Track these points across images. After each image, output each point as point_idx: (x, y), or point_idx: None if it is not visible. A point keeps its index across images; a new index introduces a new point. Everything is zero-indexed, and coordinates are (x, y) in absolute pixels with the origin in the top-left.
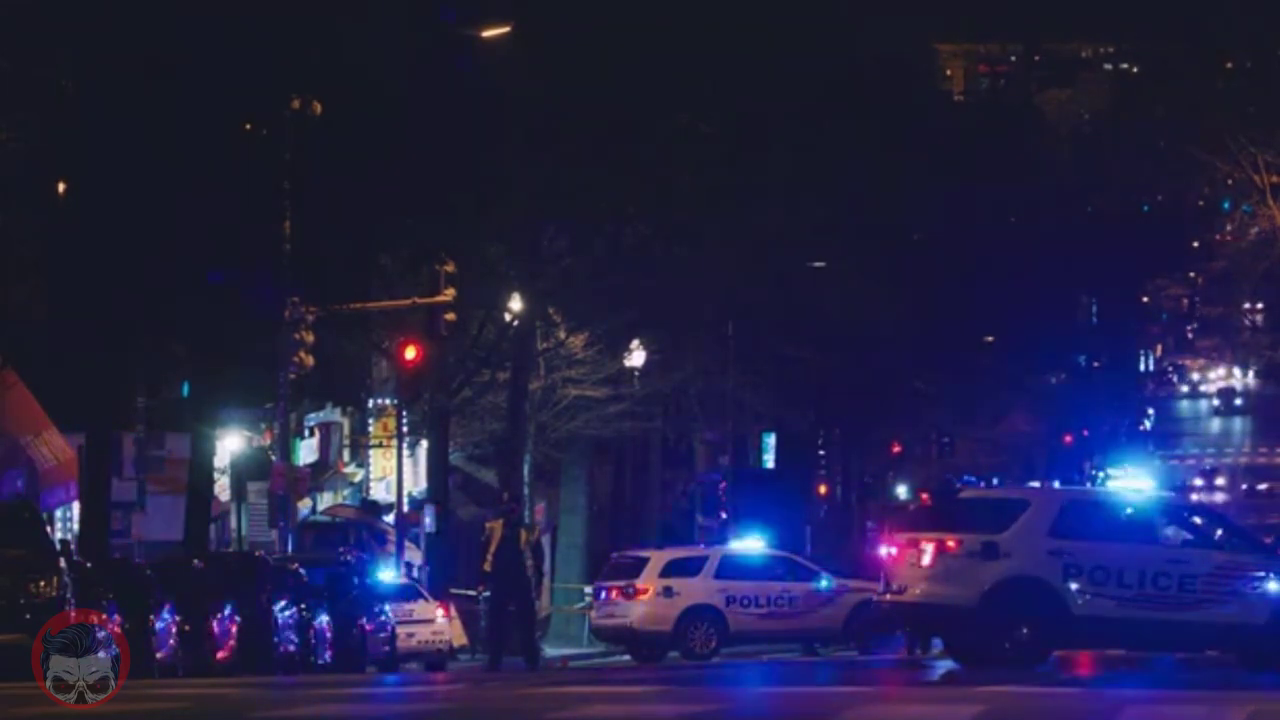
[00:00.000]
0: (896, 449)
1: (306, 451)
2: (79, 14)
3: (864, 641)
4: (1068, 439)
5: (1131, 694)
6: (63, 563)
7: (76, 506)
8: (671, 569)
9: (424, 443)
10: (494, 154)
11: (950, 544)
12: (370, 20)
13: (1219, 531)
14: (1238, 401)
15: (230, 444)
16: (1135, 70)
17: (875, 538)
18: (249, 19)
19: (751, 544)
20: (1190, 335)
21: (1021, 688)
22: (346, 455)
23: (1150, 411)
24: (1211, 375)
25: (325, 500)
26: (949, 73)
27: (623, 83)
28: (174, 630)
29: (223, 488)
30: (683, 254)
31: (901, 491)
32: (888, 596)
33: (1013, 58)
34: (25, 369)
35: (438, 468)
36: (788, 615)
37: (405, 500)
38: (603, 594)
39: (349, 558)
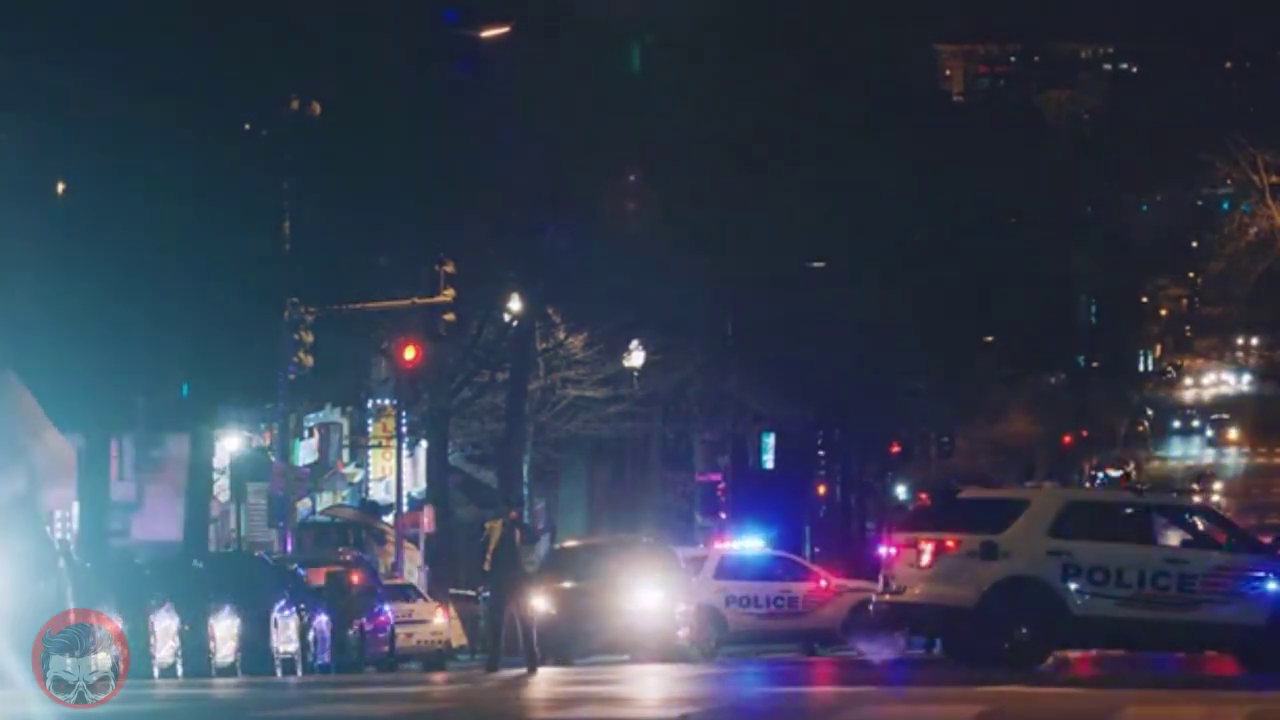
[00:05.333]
0: (896, 449)
1: (306, 451)
2: (79, 13)
3: (863, 641)
4: (1067, 439)
5: (1131, 694)
6: (62, 563)
7: (76, 506)
8: None
9: (423, 443)
10: (494, 154)
11: (950, 544)
12: (370, 20)
13: (1218, 531)
14: (1232, 433)
15: (230, 444)
16: (1135, 70)
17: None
18: (249, 19)
19: (751, 544)
20: (1189, 335)
21: (1021, 688)
22: (346, 455)
23: (1150, 412)
24: (1205, 381)
25: (325, 500)
26: (949, 73)
27: (622, 81)
28: (174, 630)
29: (222, 488)
30: (682, 254)
31: (901, 491)
32: (888, 596)
33: (1012, 58)
34: (25, 369)
35: (437, 468)
36: (787, 615)
37: (405, 500)
38: None
39: (349, 558)
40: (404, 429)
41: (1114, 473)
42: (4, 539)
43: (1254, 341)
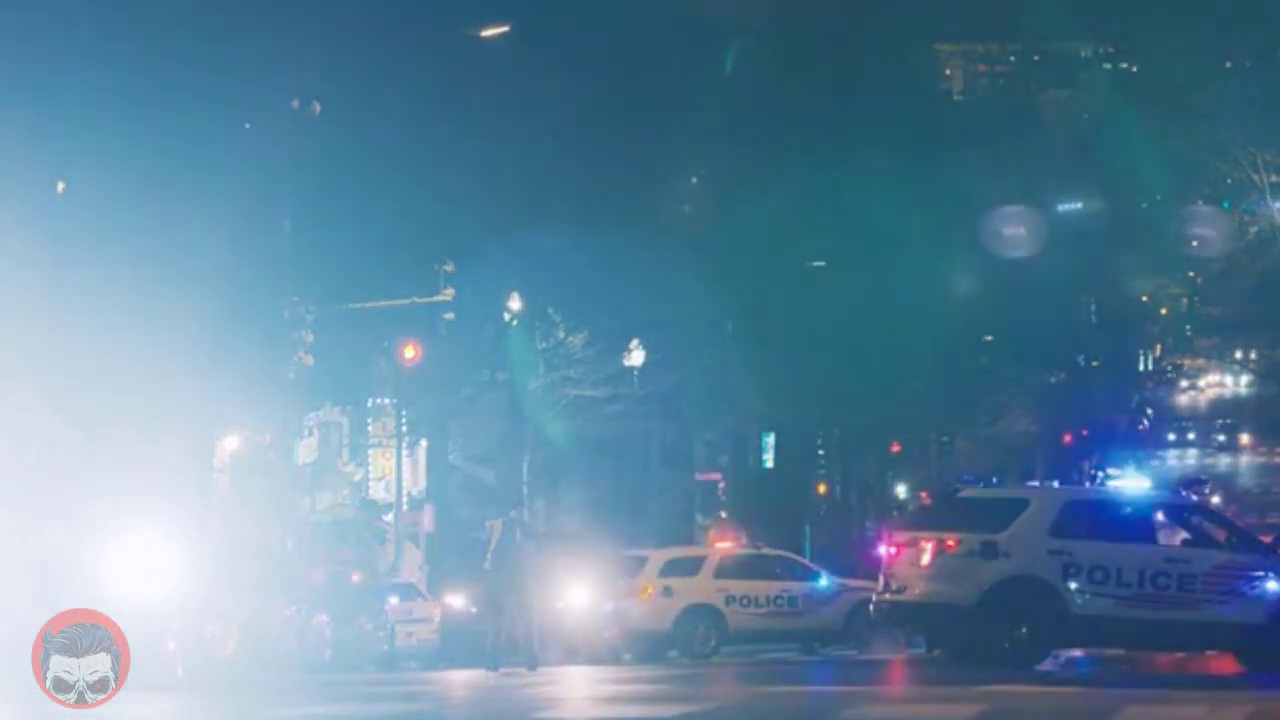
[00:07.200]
0: (896, 449)
1: (306, 451)
2: (80, 12)
3: (863, 641)
4: (1067, 439)
5: (1131, 694)
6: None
7: None
8: (671, 568)
9: (424, 443)
10: (494, 153)
11: (950, 543)
12: (371, 19)
13: (1218, 531)
14: (1232, 433)
15: (230, 444)
16: (1135, 70)
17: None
18: (250, 18)
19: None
20: (1189, 335)
21: (1021, 688)
22: (346, 455)
23: (1150, 412)
24: (1206, 381)
25: (325, 500)
26: (948, 73)
27: (622, 81)
28: (175, 630)
29: (223, 488)
30: (683, 254)
31: (901, 491)
32: (888, 596)
33: (1012, 58)
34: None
35: (438, 468)
36: (787, 615)
37: (405, 500)
38: None
39: (349, 557)
40: (404, 428)
41: (1114, 473)
42: None
43: (1253, 349)
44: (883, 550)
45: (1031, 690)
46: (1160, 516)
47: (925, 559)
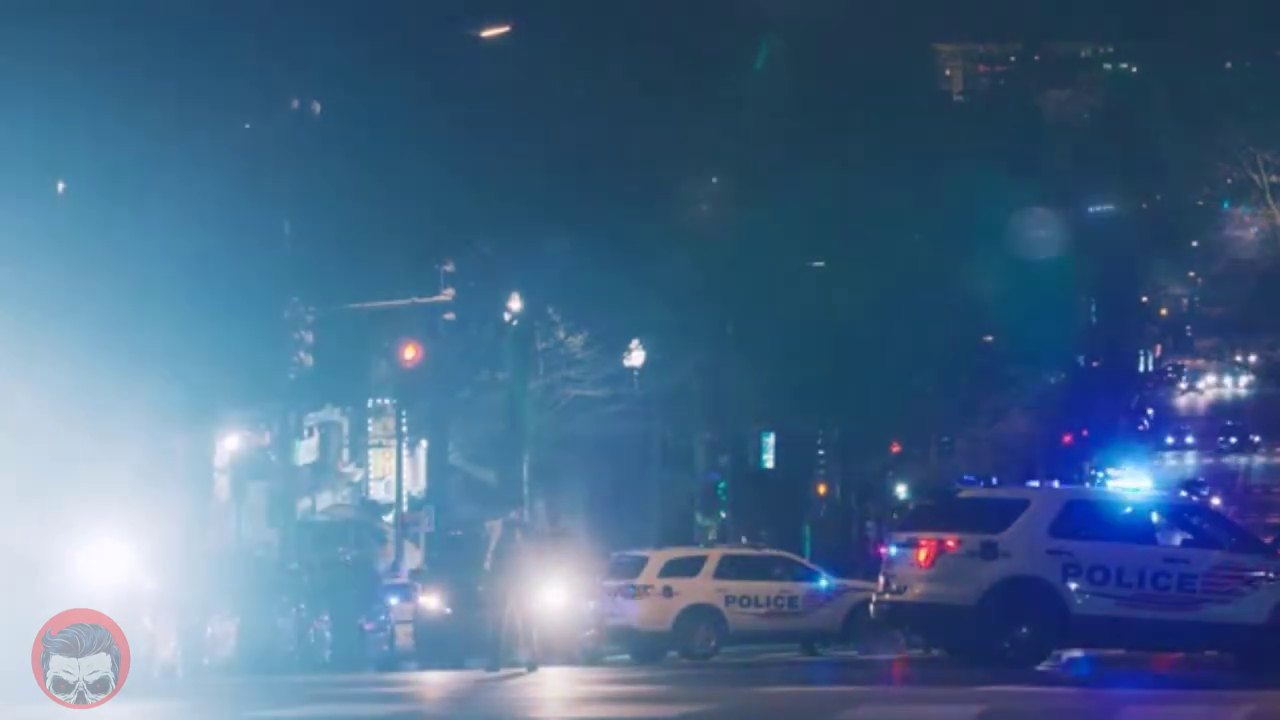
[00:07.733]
0: (896, 449)
1: (306, 451)
2: (81, 12)
3: (863, 641)
4: (1067, 439)
5: (1131, 694)
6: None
7: None
8: (671, 568)
9: (424, 443)
10: (494, 153)
11: (950, 544)
12: (371, 19)
13: (1218, 531)
14: (1233, 433)
15: (230, 444)
16: (1135, 70)
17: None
18: (251, 18)
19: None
20: (1189, 335)
21: (1021, 688)
22: (346, 455)
23: (1150, 412)
24: (1206, 381)
25: (325, 500)
26: (948, 73)
27: (622, 82)
28: (175, 630)
29: (223, 488)
30: (683, 254)
31: (901, 491)
32: (888, 596)
33: (1012, 58)
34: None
35: (437, 468)
36: (787, 615)
37: (405, 500)
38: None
39: (349, 558)
40: (404, 428)
41: (1114, 473)
42: None
43: (1253, 351)
44: (883, 550)
45: (1031, 690)
46: (1160, 516)
47: (925, 559)
